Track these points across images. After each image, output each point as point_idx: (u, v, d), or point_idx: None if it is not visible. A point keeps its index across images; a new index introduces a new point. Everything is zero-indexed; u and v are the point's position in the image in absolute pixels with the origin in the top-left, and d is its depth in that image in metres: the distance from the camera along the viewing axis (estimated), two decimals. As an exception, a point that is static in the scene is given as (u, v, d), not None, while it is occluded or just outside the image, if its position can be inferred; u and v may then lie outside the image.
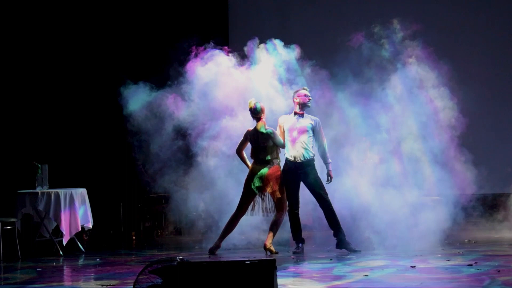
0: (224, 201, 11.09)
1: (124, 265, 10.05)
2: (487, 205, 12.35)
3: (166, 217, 13.79)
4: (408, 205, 10.63)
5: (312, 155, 10.38)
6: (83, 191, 11.73)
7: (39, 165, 11.48)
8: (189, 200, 11.57)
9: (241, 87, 11.05)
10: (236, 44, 12.48)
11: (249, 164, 10.57)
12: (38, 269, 9.79)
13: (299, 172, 10.35)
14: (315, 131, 10.46)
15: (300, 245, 10.36)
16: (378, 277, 8.01)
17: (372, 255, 9.75)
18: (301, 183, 10.42)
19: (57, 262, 10.60)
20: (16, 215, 11.22)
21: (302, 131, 10.39)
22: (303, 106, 10.48)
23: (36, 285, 8.38)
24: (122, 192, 13.89)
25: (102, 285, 8.03)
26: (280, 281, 6.45)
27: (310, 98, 10.54)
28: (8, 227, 11.09)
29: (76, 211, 11.41)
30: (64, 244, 11.28)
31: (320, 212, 10.41)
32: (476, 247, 10.46)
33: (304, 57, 11.21)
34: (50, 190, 11.35)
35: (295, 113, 10.51)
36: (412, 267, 8.55)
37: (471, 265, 8.53)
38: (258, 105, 10.39)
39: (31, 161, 11.56)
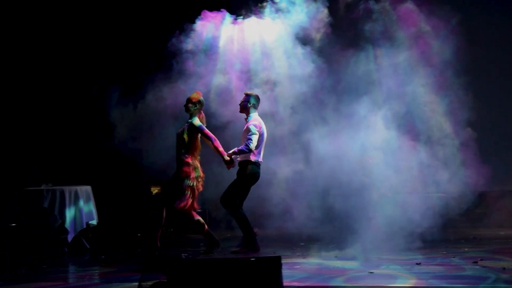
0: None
1: (128, 262, 10.05)
2: (492, 202, 12.33)
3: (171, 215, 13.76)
4: (412, 200, 10.59)
5: None
6: (88, 188, 11.73)
7: (40, 163, 11.51)
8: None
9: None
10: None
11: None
12: (43, 266, 9.79)
13: None
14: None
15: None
16: (383, 273, 8.00)
17: (377, 251, 9.71)
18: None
19: (62, 259, 10.60)
20: (21, 212, 11.22)
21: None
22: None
23: (41, 283, 8.37)
24: (126, 188, 13.89)
25: (107, 283, 8.03)
26: (285, 278, 6.43)
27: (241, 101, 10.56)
28: (13, 225, 11.10)
29: (81, 208, 11.41)
30: (69, 241, 11.28)
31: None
32: (482, 244, 10.43)
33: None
34: (54, 188, 11.35)
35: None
36: (417, 264, 8.53)
37: (476, 262, 8.51)
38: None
39: (36, 159, 11.58)
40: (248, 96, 10.47)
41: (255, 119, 10.35)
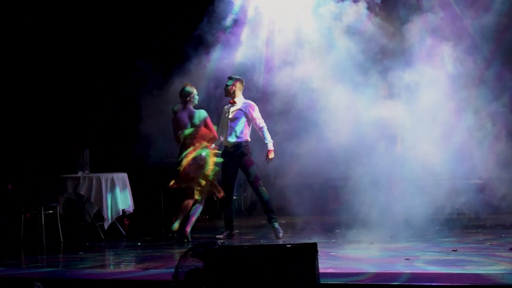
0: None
1: (165, 249, 10.12)
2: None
3: (207, 200, 13.82)
4: (448, 188, 10.51)
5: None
6: (124, 175, 11.81)
7: (81, 150, 11.58)
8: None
9: None
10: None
11: None
12: (80, 253, 9.89)
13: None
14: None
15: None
16: (419, 260, 7.97)
17: (412, 238, 9.67)
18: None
19: (99, 246, 10.70)
20: (58, 199, 11.34)
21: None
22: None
23: (79, 269, 8.45)
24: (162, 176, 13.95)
25: (144, 269, 8.09)
26: (321, 264, 6.43)
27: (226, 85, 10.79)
28: (50, 212, 11.23)
29: (117, 196, 11.50)
30: (106, 228, 11.38)
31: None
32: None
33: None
34: (91, 175, 11.44)
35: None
36: (453, 250, 8.49)
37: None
38: None
39: (73, 146, 11.66)
40: (234, 79, 10.68)
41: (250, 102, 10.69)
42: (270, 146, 10.46)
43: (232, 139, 10.51)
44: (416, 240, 9.57)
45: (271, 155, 10.47)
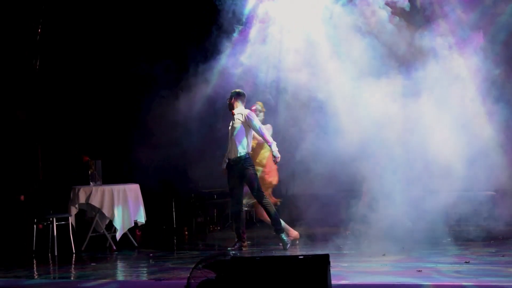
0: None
1: (177, 260, 10.11)
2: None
3: (218, 212, 13.86)
4: (460, 199, 10.47)
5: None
6: (136, 186, 11.82)
7: (93, 161, 11.60)
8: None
9: None
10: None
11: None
12: (92, 263, 9.90)
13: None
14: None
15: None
16: (432, 272, 7.94)
17: (424, 250, 9.64)
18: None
19: (110, 256, 10.71)
20: (70, 210, 11.36)
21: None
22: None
23: (91, 280, 8.45)
24: (174, 187, 13.97)
25: (156, 279, 8.09)
26: (333, 276, 6.42)
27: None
28: (62, 223, 11.25)
29: (129, 207, 11.50)
30: (118, 239, 11.39)
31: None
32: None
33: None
34: (103, 186, 11.46)
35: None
36: (466, 262, 8.46)
37: (526, 260, 8.42)
38: None
39: (85, 157, 11.68)
40: (233, 93, 10.75)
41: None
42: (274, 147, 10.38)
43: (232, 154, 10.54)
44: (428, 251, 9.53)
45: (276, 155, 10.37)
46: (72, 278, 8.84)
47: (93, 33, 13.58)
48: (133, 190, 11.71)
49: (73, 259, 10.58)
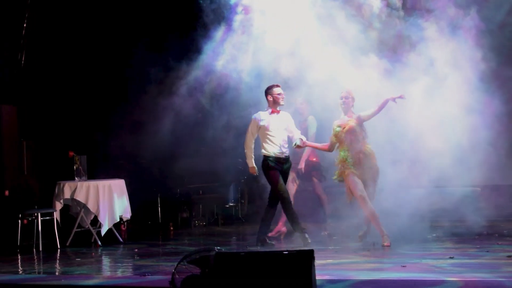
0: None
1: (162, 255, 10.11)
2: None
3: (203, 207, 13.85)
4: (447, 195, 10.50)
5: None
6: (121, 182, 11.79)
7: (78, 157, 11.56)
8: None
9: None
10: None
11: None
12: (77, 259, 9.88)
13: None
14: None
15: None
16: (416, 267, 7.96)
17: (408, 246, 9.66)
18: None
19: (95, 252, 10.69)
20: (55, 205, 11.32)
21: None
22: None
23: (75, 275, 8.44)
24: (159, 183, 13.95)
25: (140, 275, 8.08)
26: (318, 271, 6.43)
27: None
28: (47, 218, 11.21)
29: (114, 202, 11.47)
30: (103, 234, 11.36)
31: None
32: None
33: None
34: (88, 181, 11.42)
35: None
36: (450, 258, 8.48)
37: (510, 256, 8.44)
38: None
39: (70, 153, 11.64)
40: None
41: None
42: (299, 142, 10.22)
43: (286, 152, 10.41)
44: (413, 247, 9.55)
45: (300, 143, 10.24)
46: (56, 273, 8.82)
47: (78, 28, 13.55)
48: (118, 186, 11.68)
49: (58, 254, 10.55)
